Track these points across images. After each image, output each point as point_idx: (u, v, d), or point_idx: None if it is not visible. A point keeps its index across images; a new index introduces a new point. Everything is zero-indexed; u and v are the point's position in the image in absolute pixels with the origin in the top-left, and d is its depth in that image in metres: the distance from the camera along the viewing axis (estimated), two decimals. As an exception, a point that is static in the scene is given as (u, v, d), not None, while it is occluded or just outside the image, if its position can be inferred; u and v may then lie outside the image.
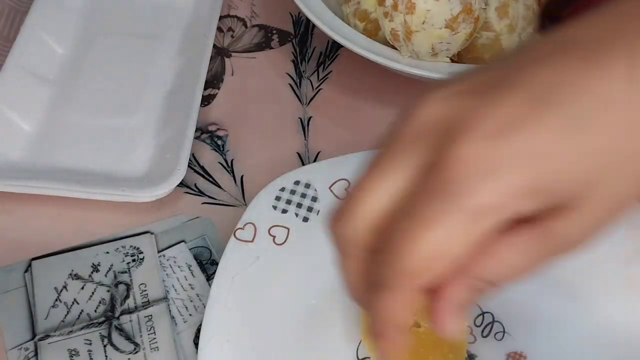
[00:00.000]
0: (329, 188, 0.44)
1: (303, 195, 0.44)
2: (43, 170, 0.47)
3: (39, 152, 0.48)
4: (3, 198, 0.46)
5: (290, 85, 0.55)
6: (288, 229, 0.43)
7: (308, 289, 0.41)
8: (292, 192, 0.44)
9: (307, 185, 0.44)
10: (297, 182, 0.44)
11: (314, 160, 0.50)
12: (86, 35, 0.56)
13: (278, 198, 0.44)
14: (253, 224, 0.42)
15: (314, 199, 0.44)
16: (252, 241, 0.42)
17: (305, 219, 0.43)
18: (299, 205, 0.44)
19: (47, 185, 0.45)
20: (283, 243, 0.42)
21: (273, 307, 0.40)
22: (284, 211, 0.43)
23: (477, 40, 0.49)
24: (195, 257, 0.45)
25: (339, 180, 0.45)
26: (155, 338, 0.41)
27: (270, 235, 0.42)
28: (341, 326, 0.40)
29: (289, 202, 0.44)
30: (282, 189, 0.44)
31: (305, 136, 0.51)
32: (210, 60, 0.53)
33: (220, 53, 0.57)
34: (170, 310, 0.42)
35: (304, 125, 0.52)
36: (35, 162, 0.48)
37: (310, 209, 0.44)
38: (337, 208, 0.26)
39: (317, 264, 0.42)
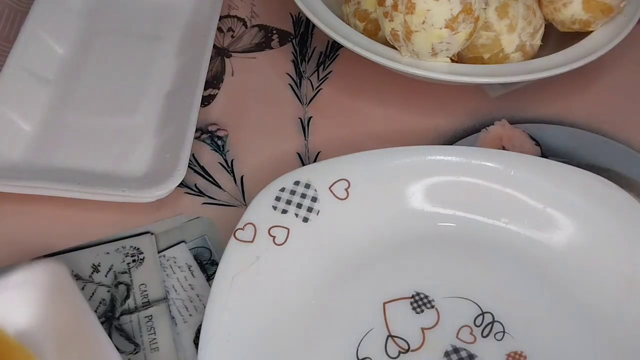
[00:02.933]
0: (329, 188, 0.44)
1: (303, 196, 0.44)
2: (43, 170, 0.47)
3: (39, 153, 0.48)
4: (3, 198, 0.46)
5: (290, 85, 0.55)
6: (288, 229, 0.43)
7: (308, 289, 0.41)
8: (292, 192, 0.44)
9: (307, 186, 0.44)
10: (297, 183, 0.44)
11: (314, 160, 0.50)
12: (86, 35, 0.56)
13: (278, 198, 0.44)
14: (253, 225, 0.42)
15: (314, 199, 0.44)
16: (252, 241, 0.42)
17: (305, 220, 0.43)
18: (299, 206, 0.43)
19: (47, 186, 0.45)
20: (283, 243, 0.42)
21: (273, 307, 0.40)
22: (284, 211, 0.43)
23: (477, 40, 0.49)
24: (196, 258, 0.45)
25: (339, 180, 0.44)
26: (155, 338, 0.41)
27: (270, 235, 0.42)
28: (341, 326, 0.40)
29: (288, 202, 0.44)
30: (282, 189, 0.44)
31: (305, 136, 0.51)
32: (210, 60, 0.53)
33: (220, 53, 0.57)
34: (170, 311, 0.42)
35: (304, 125, 0.52)
36: (36, 163, 0.48)
37: (310, 209, 0.44)
38: None
39: (317, 264, 0.42)
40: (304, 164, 0.49)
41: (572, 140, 0.51)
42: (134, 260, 0.44)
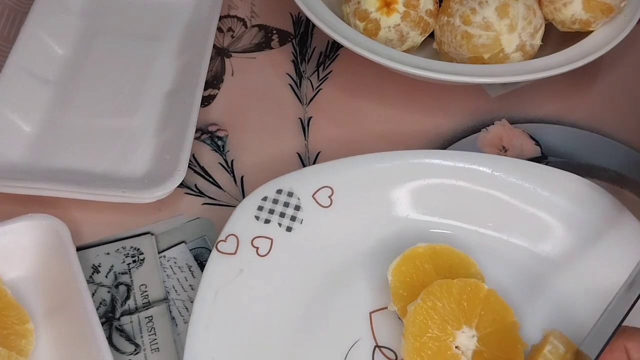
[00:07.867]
0: (312, 196, 0.43)
1: (286, 204, 0.43)
2: (43, 171, 0.47)
3: (40, 153, 0.48)
4: (3, 199, 0.46)
5: (290, 85, 0.55)
6: (272, 240, 0.42)
7: (293, 301, 0.41)
8: (275, 201, 0.43)
9: (290, 194, 0.43)
10: (279, 191, 0.43)
11: (314, 161, 0.50)
12: (86, 35, 0.56)
13: (260, 208, 0.42)
14: (235, 236, 0.41)
15: (297, 208, 0.43)
16: (234, 253, 0.41)
17: (289, 229, 0.42)
18: (282, 215, 0.42)
19: (47, 187, 0.45)
20: (267, 254, 0.41)
21: (258, 321, 0.39)
22: (267, 221, 0.42)
23: (477, 40, 0.49)
24: (196, 258, 0.45)
25: (323, 187, 0.43)
26: (155, 339, 0.41)
27: (254, 246, 0.41)
28: (328, 337, 0.40)
29: (271, 211, 0.42)
30: (265, 198, 0.43)
31: (305, 136, 0.51)
32: (210, 60, 0.53)
33: (220, 53, 0.57)
34: (170, 311, 0.42)
35: (304, 125, 0.52)
36: (36, 163, 0.48)
37: (293, 219, 0.43)
38: None
39: (302, 274, 0.41)
40: (304, 164, 0.49)
41: (572, 140, 0.51)
42: (134, 261, 0.44)
